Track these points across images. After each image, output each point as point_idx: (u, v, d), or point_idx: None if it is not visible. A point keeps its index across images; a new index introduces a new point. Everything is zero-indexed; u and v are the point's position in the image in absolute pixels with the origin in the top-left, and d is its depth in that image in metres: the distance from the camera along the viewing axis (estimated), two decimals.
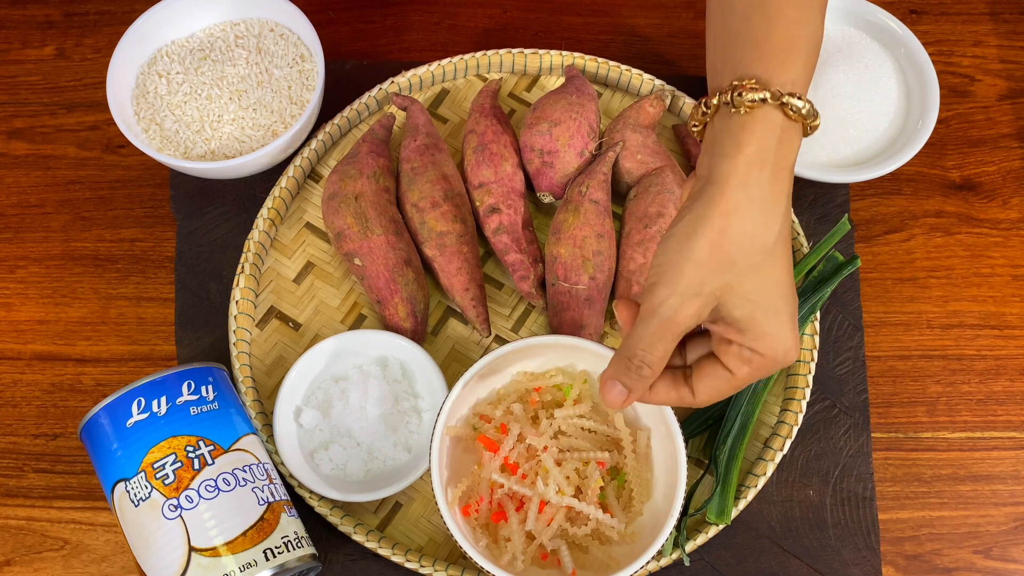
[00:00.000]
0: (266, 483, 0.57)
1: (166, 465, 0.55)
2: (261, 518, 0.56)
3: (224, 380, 0.61)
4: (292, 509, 0.58)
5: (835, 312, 0.70)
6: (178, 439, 0.56)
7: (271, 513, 0.56)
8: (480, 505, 0.58)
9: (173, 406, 0.56)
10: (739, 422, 0.64)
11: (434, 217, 0.66)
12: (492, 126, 0.69)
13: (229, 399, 0.60)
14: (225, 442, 0.57)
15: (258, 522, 0.55)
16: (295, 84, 0.71)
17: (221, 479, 0.55)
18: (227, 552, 0.54)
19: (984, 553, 0.65)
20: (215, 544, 0.54)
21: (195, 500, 0.55)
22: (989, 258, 0.73)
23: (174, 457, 0.55)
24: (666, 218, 0.66)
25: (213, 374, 0.60)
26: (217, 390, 0.59)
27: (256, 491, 0.56)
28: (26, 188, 0.74)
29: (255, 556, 0.54)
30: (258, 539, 0.55)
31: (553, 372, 0.62)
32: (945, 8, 0.81)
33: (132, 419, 0.56)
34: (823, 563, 0.64)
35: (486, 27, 0.80)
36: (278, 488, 0.58)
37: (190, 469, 0.55)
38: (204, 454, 0.56)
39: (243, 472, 0.56)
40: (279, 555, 0.55)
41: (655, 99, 0.70)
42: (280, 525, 0.56)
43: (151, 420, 0.56)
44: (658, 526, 0.55)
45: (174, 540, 0.54)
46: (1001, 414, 0.69)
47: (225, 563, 0.54)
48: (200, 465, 0.55)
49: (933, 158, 0.76)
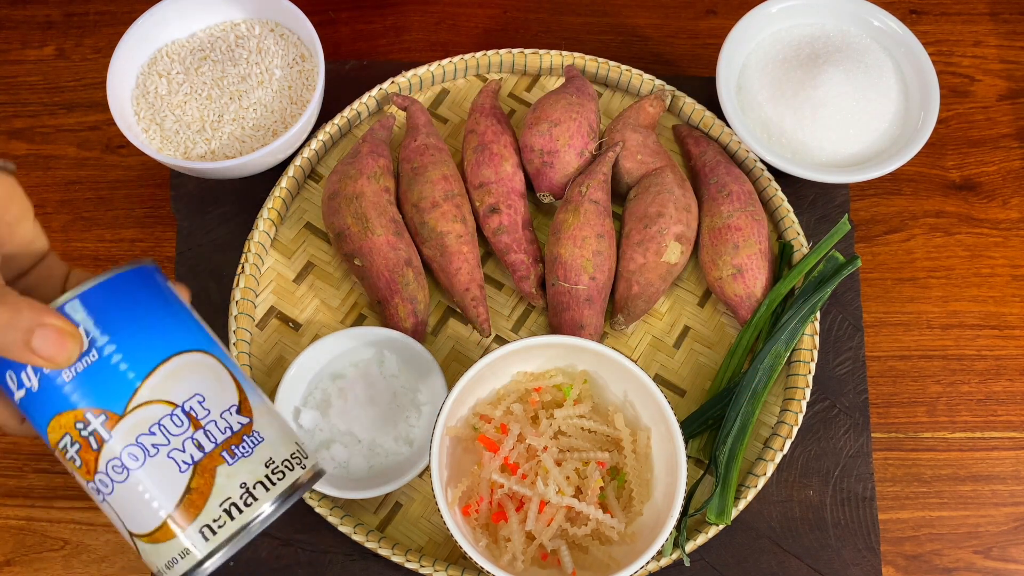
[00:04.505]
0: (189, 435, 0.43)
1: (67, 448, 0.43)
2: (188, 489, 0.43)
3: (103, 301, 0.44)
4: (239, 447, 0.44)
5: (835, 312, 0.70)
6: (64, 415, 0.43)
7: (201, 476, 0.43)
8: (480, 505, 0.58)
9: (43, 376, 0.42)
10: (739, 422, 0.64)
11: (434, 217, 0.66)
12: (492, 126, 0.69)
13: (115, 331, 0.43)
14: (119, 403, 0.43)
15: (185, 495, 0.43)
16: (295, 84, 0.71)
17: (127, 454, 0.43)
18: (160, 539, 0.43)
19: (984, 553, 0.65)
20: (147, 531, 0.44)
21: (109, 485, 0.43)
22: (989, 258, 0.73)
23: (70, 438, 0.43)
24: (666, 218, 0.66)
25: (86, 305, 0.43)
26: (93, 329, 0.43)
27: (175, 454, 0.43)
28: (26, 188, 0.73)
29: (191, 540, 0.43)
30: (191, 517, 0.43)
31: (553, 372, 0.62)
32: (945, 8, 0.82)
33: (15, 396, 0.44)
34: (823, 563, 0.64)
35: (486, 27, 0.80)
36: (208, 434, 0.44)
37: (89, 450, 0.43)
38: (96, 428, 0.43)
39: (151, 436, 0.43)
40: (220, 528, 0.43)
41: (655, 99, 0.70)
42: (216, 488, 0.43)
43: (30, 397, 0.43)
44: (658, 526, 0.55)
45: (115, 519, 0.45)
46: (1001, 414, 0.69)
47: (163, 550, 0.44)
48: (98, 444, 0.43)
49: (933, 158, 0.76)
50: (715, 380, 0.67)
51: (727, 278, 0.66)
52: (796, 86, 0.71)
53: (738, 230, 0.66)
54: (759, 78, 0.72)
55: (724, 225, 0.67)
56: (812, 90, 0.70)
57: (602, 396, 0.62)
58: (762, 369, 0.65)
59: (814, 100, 0.70)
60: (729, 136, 0.72)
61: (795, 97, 0.70)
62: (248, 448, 0.44)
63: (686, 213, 0.67)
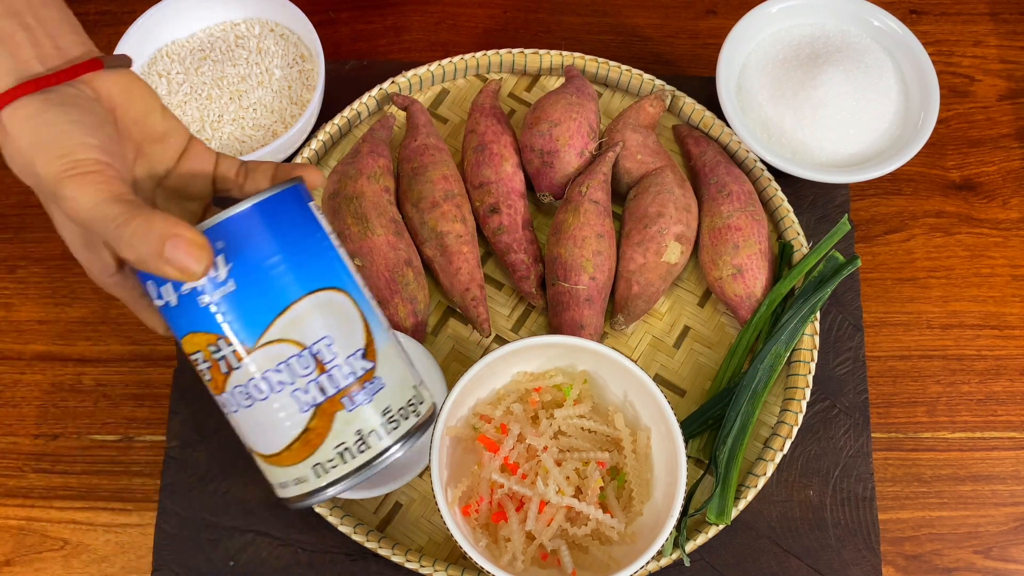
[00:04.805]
0: (313, 378, 0.43)
1: (199, 361, 0.44)
2: (305, 428, 0.44)
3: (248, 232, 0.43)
4: (359, 394, 0.44)
5: (835, 312, 0.70)
6: (198, 336, 0.43)
7: (319, 419, 0.44)
8: (480, 505, 0.58)
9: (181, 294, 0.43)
10: (739, 422, 0.64)
11: (434, 217, 0.66)
12: (492, 126, 0.69)
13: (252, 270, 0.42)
14: (250, 338, 0.42)
15: (302, 434, 0.44)
16: (295, 84, 0.71)
17: (252, 386, 0.43)
18: (276, 464, 0.45)
19: (984, 553, 0.65)
20: (265, 453, 0.45)
21: (235, 405, 0.44)
22: (989, 258, 0.73)
23: (202, 356, 0.44)
24: (666, 218, 0.66)
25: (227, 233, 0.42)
26: (233, 259, 0.42)
27: (298, 394, 0.43)
28: (26, 188, 0.73)
29: (303, 472, 0.44)
30: (304, 454, 0.44)
31: (553, 372, 0.62)
32: (945, 8, 0.82)
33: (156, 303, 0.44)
34: (823, 563, 0.64)
35: (486, 27, 0.80)
36: (331, 379, 0.44)
37: (219, 371, 0.44)
38: (227, 356, 0.43)
39: (277, 373, 0.43)
40: (332, 469, 0.44)
41: (655, 99, 0.70)
42: (332, 432, 0.44)
43: (167, 309, 0.43)
44: (658, 526, 0.55)
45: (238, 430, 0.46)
46: (1001, 414, 0.69)
47: (279, 473, 0.45)
48: (227, 368, 0.43)
49: (933, 158, 0.76)
50: (715, 380, 0.67)
51: (727, 278, 0.66)
52: (796, 86, 0.71)
53: (738, 230, 0.66)
54: (759, 78, 0.72)
55: (724, 225, 0.67)
56: (812, 90, 0.70)
57: (602, 396, 0.62)
58: (762, 369, 0.65)
59: (814, 100, 0.70)
60: (729, 136, 0.72)
61: (795, 97, 0.70)
62: (368, 395, 0.45)
63: (686, 213, 0.67)
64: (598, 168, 0.67)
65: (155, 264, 0.38)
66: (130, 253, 0.39)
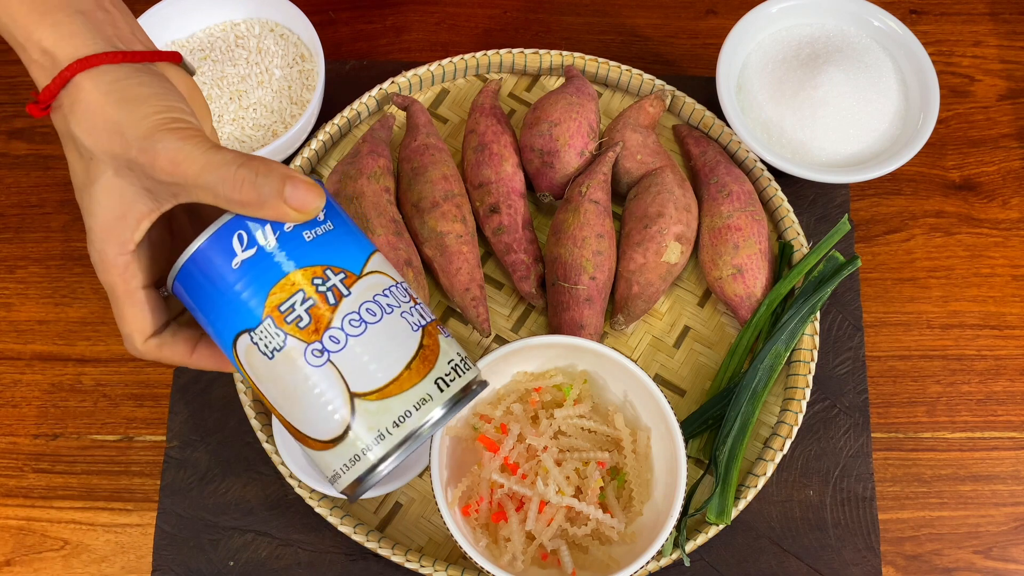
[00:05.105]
0: (411, 305, 0.47)
1: (295, 306, 0.44)
2: (421, 345, 0.46)
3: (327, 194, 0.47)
4: (445, 329, 0.48)
5: (835, 312, 0.70)
6: (300, 272, 0.44)
7: (429, 338, 0.46)
8: (480, 505, 0.58)
9: (282, 234, 0.44)
10: (739, 422, 0.64)
11: (434, 217, 0.66)
12: (492, 126, 0.69)
13: (341, 215, 0.47)
14: (355, 266, 0.46)
15: (419, 351, 0.45)
16: (295, 84, 0.71)
17: (364, 310, 0.45)
18: (397, 391, 0.45)
19: (984, 553, 0.65)
20: (380, 384, 0.45)
21: (342, 340, 0.44)
22: (989, 258, 0.73)
23: (303, 295, 0.44)
24: (666, 218, 0.66)
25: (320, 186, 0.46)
26: (326, 206, 0.46)
27: (406, 316, 0.46)
28: (26, 188, 0.74)
29: (428, 390, 0.45)
30: (425, 370, 0.45)
31: (553, 372, 0.62)
32: (945, 8, 0.82)
33: (237, 258, 0.44)
34: (823, 563, 0.64)
35: (486, 27, 0.80)
36: (424, 309, 0.48)
37: (325, 305, 0.44)
38: (336, 284, 0.45)
39: (385, 297, 0.46)
40: (451, 383, 0.46)
41: (655, 99, 0.70)
42: (442, 349, 0.47)
43: (260, 256, 0.44)
44: (658, 526, 0.55)
45: (329, 389, 0.45)
46: (1001, 414, 0.69)
47: (396, 404, 0.45)
48: (336, 299, 0.44)
49: (933, 158, 0.76)
50: (715, 380, 0.67)
51: (727, 278, 0.66)
52: (796, 86, 0.71)
53: (738, 230, 0.66)
54: (759, 78, 0.72)
55: (724, 225, 0.67)
56: (812, 90, 0.70)
57: (602, 396, 0.62)
58: (762, 369, 0.65)
59: (814, 100, 0.70)
60: (729, 136, 0.72)
61: (795, 97, 0.70)
62: (448, 333, 0.49)
63: (686, 213, 0.67)
64: (598, 168, 0.67)
65: (274, 203, 0.41)
66: (251, 193, 0.41)
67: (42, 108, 0.44)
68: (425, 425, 0.45)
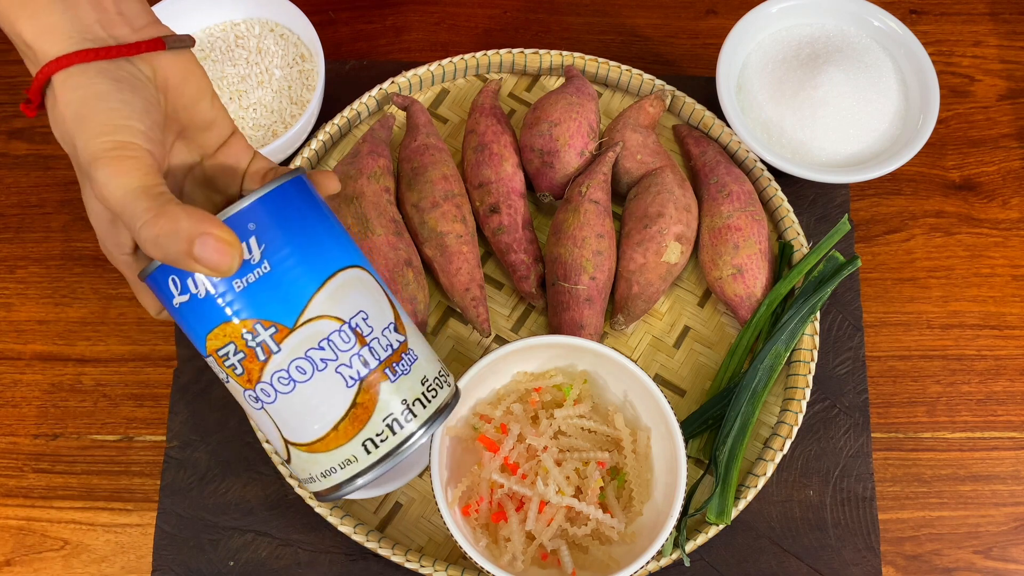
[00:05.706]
0: (355, 352, 0.43)
1: (229, 355, 0.43)
2: (353, 404, 0.44)
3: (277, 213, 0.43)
4: (399, 365, 0.45)
5: (835, 312, 0.70)
6: (231, 325, 0.42)
7: (364, 394, 0.44)
8: (480, 505, 0.58)
9: (212, 282, 0.42)
10: (739, 422, 0.64)
11: (434, 217, 0.66)
12: (492, 126, 0.69)
13: (287, 242, 0.42)
14: (289, 317, 0.42)
15: (350, 410, 0.44)
16: (295, 84, 0.71)
17: (294, 367, 0.43)
18: (323, 449, 0.44)
19: (984, 553, 0.65)
20: (308, 441, 0.44)
21: (272, 395, 0.43)
22: (989, 258, 0.73)
23: (234, 347, 0.43)
24: (666, 218, 0.66)
25: (257, 216, 0.42)
26: (265, 240, 0.42)
27: (342, 370, 0.43)
28: (26, 188, 0.74)
29: (353, 452, 0.44)
30: (352, 431, 0.44)
31: (553, 372, 0.62)
32: (945, 8, 0.82)
33: (175, 300, 0.43)
34: (823, 563, 0.64)
35: (486, 27, 0.80)
36: (374, 350, 0.44)
37: (255, 360, 0.43)
38: (265, 340, 0.42)
39: (319, 351, 0.43)
40: (381, 443, 0.44)
41: (655, 99, 0.70)
42: (379, 405, 0.44)
43: (193, 302, 0.42)
44: (658, 526, 0.55)
45: (269, 429, 0.45)
46: (1001, 414, 0.69)
47: (323, 459, 0.44)
48: (265, 355, 0.42)
49: (933, 158, 0.76)
50: (715, 380, 0.67)
51: (727, 278, 0.66)
52: (796, 86, 0.71)
53: (738, 230, 0.66)
54: (759, 78, 0.72)
55: (724, 225, 0.67)
56: (812, 90, 0.70)
57: (602, 396, 0.62)
58: (762, 369, 0.65)
59: (814, 100, 0.70)
60: (729, 136, 0.72)
61: (795, 97, 0.70)
62: (407, 366, 0.45)
63: (686, 213, 0.67)
64: (598, 168, 0.67)
65: (185, 263, 0.38)
66: (156, 252, 0.38)
67: (34, 108, 0.43)
68: (351, 485, 0.45)
